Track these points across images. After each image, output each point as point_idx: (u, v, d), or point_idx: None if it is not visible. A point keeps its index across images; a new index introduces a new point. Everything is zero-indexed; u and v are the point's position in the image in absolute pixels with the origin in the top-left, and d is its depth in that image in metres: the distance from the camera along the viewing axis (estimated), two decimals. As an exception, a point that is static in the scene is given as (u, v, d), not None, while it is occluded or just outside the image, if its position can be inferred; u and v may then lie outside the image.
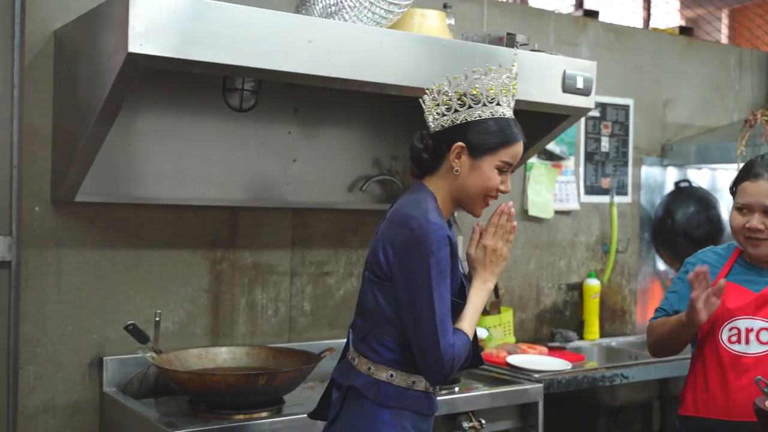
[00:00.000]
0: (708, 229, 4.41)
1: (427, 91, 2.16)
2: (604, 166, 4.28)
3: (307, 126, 3.31)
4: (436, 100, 2.12)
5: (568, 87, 2.98)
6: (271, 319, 3.29)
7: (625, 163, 4.37)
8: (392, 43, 2.64)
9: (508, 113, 2.09)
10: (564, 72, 2.97)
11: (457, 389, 3.06)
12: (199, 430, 2.47)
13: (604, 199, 4.28)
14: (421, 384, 2.09)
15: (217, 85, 2.77)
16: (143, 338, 2.77)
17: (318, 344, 3.23)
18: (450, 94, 2.09)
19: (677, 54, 4.60)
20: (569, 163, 4.12)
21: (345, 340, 3.34)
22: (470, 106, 2.05)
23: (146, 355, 2.74)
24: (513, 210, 2.15)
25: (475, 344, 2.16)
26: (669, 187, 4.54)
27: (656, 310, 2.63)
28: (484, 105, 2.05)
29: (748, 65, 4.90)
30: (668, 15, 5.61)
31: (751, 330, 2.31)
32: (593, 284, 4.16)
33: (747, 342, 2.31)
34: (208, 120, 3.06)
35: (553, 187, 4.02)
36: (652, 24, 5.19)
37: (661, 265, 4.56)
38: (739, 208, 2.39)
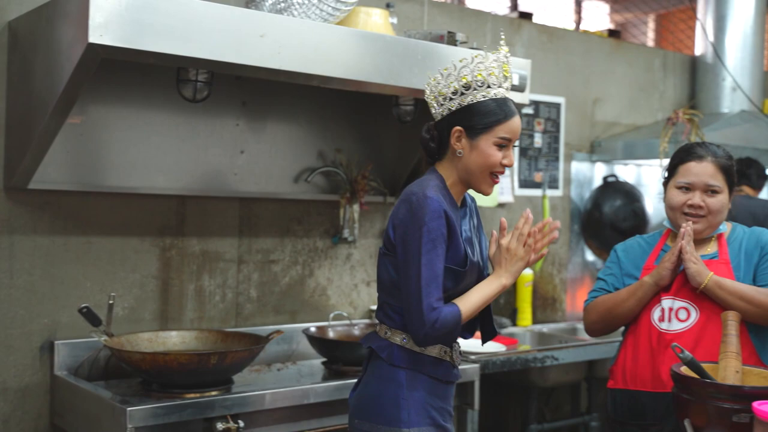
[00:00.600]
0: (633, 221, 4.65)
1: (426, 86, 2.33)
2: (537, 161, 4.49)
3: (255, 118, 3.43)
4: (433, 93, 2.29)
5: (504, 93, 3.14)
6: (218, 304, 3.40)
7: (557, 159, 4.58)
8: (340, 39, 2.78)
9: (501, 93, 2.25)
10: (504, 76, 3.13)
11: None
12: (153, 407, 2.57)
13: (537, 192, 4.49)
14: (434, 350, 2.25)
15: (171, 76, 2.86)
16: (96, 321, 2.85)
17: (264, 329, 3.35)
18: (444, 85, 2.26)
19: (606, 55, 4.84)
20: (504, 158, 4.31)
21: (290, 325, 3.50)
22: (462, 93, 2.23)
23: (99, 339, 2.82)
24: (531, 216, 2.30)
25: (489, 318, 2.38)
26: (597, 182, 4.78)
27: (592, 292, 2.75)
28: (475, 89, 2.22)
29: (671, 67, 5.18)
30: (598, 19, 5.86)
31: (672, 309, 2.48)
32: (526, 273, 4.35)
33: (670, 320, 2.47)
34: (159, 111, 3.16)
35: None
36: (583, 27, 5.43)
37: (590, 256, 4.79)
38: (680, 187, 2.56)
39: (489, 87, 2.24)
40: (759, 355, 2.43)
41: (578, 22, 5.59)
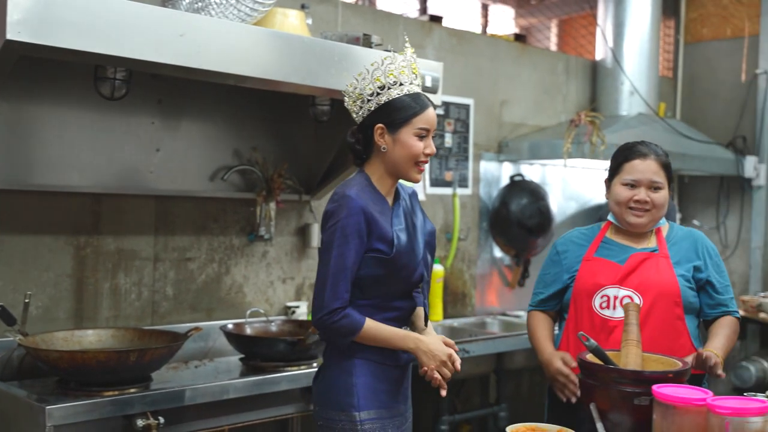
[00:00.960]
0: (539, 219, 4.83)
1: (343, 93, 2.49)
2: (448, 161, 4.62)
3: (170, 117, 3.44)
4: (352, 97, 2.46)
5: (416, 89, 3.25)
6: (134, 303, 3.39)
7: (466, 158, 4.73)
8: (259, 40, 2.82)
9: (413, 89, 2.44)
10: (412, 73, 3.23)
11: (315, 364, 3.27)
12: (72, 405, 2.56)
13: (448, 191, 4.62)
14: None
15: (88, 73, 2.85)
16: (10, 321, 2.82)
17: (180, 327, 3.35)
18: (360, 88, 2.44)
19: (512, 59, 5.01)
20: (416, 157, 4.42)
21: (207, 323, 3.51)
22: (378, 93, 2.41)
23: (15, 338, 2.79)
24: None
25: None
26: (504, 181, 4.94)
27: (531, 301, 2.93)
28: (389, 88, 2.41)
29: (573, 71, 5.40)
30: (504, 22, 6.03)
31: (617, 297, 2.62)
32: (437, 269, 4.48)
33: (614, 308, 2.61)
34: (73, 108, 3.13)
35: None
36: (490, 31, 5.60)
37: (498, 252, 4.95)
38: (626, 184, 2.70)
39: (402, 84, 2.42)
40: (693, 342, 2.62)
41: (485, 25, 5.75)
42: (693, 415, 1.94)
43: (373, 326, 2.38)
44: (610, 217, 2.82)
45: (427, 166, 4.45)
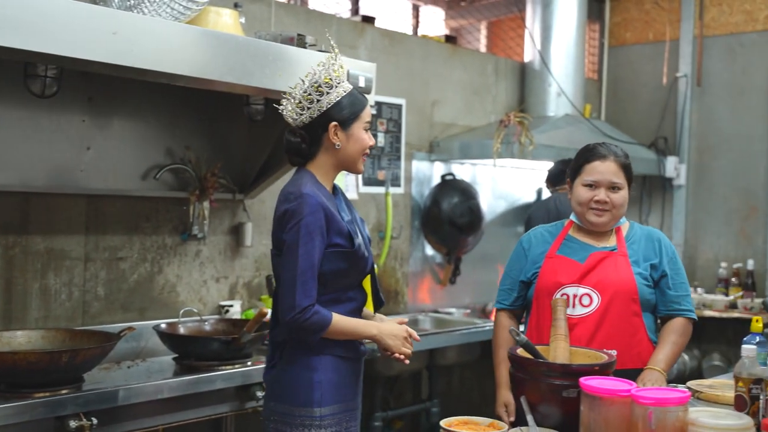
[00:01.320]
0: (469, 217, 4.92)
1: (284, 95, 2.53)
2: (380, 160, 4.67)
3: (102, 115, 3.40)
4: (296, 99, 2.49)
5: (351, 85, 3.28)
6: (64, 303, 3.34)
7: (399, 158, 4.78)
8: (192, 38, 2.81)
9: (348, 87, 2.53)
10: (348, 72, 3.27)
11: (249, 363, 3.27)
12: (1, 407, 2.51)
13: (380, 190, 4.67)
14: None
15: (18, 70, 2.80)
16: (-64, 322, 2.76)
17: (112, 327, 3.31)
18: (308, 91, 2.48)
19: (443, 60, 5.09)
20: (349, 156, 4.46)
21: (140, 323, 3.49)
22: (327, 93, 2.47)
23: (-60, 339, 2.73)
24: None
25: (376, 289, 2.69)
26: (436, 180, 5.02)
27: (499, 291, 2.94)
28: (335, 87, 2.48)
29: (503, 72, 5.51)
30: (435, 24, 6.11)
31: (576, 296, 2.68)
32: (370, 268, 4.52)
33: (573, 306, 2.67)
34: (3, 106, 3.07)
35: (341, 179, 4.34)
36: (421, 32, 5.67)
37: (430, 251, 5.02)
38: (587, 185, 2.76)
39: (342, 83, 2.51)
40: (650, 336, 2.71)
41: (416, 27, 5.82)
42: (618, 405, 2.03)
43: (339, 320, 2.43)
44: (572, 217, 2.90)
45: (360, 166, 4.53)
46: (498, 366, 2.75)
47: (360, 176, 4.55)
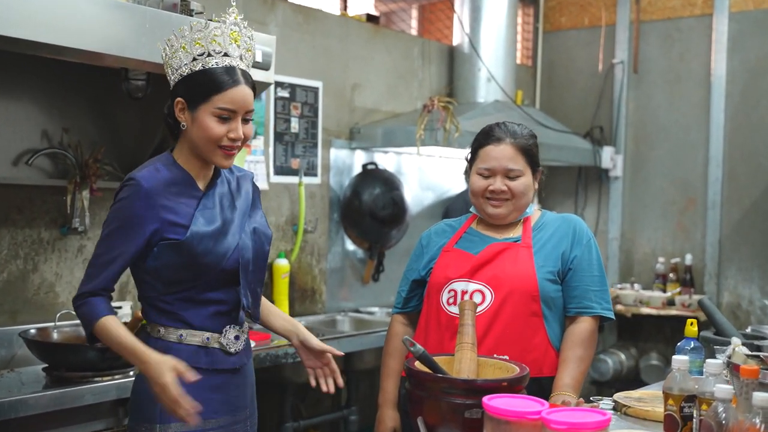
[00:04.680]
0: (392, 209, 4.58)
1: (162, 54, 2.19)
2: (294, 147, 4.30)
3: (-38, 91, 2.98)
4: (166, 65, 2.16)
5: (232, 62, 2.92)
6: None
7: (315, 145, 4.42)
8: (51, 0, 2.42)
9: (225, 62, 2.11)
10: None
11: (132, 373, 2.89)
12: None
13: (294, 179, 4.30)
14: (194, 338, 2.15)
15: None
16: None
17: (-26, 333, 2.92)
18: (169, 57, 2.14)
19: (364, 41, 4.74)
20: (258, 143, 4.09)
21: (10, 327, 3.09)
22: (181, 65, 2.11)
23: None
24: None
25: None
26: (357, 169, 4.67)
27: (396, 294, 2.66)
28: (194, 60, 2.10)
29: (430, 56, 5.18)
30: (364, 6, 5.76)
31: (466, 292, 2.36)
32: (283, 264, 4.16)
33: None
34: None
35: (243, 166, 3.96)
36: (351, 13, 5.30)
37: (350, 245, 4.67)
38: (480, 173, 2.45)
39: (210, 56, 2.10)
40: (551, 341, 2.37)
41: (344, 8, 5.46)
42: (527, 429, 1.70)
43: (110, 327, 2.06)
44: (473, 209, 2.57)
45: (271, 153, 4.16)
46: (384, 379, 2.43)
47: (272, 164, 4.18)
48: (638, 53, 5.68)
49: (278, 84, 4.14)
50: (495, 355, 2.17)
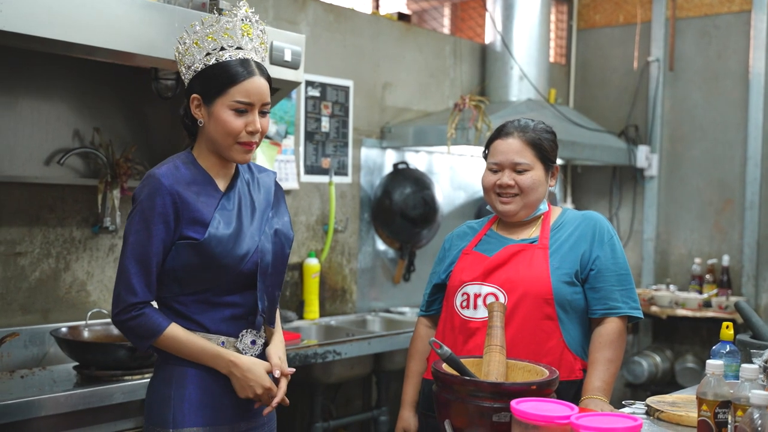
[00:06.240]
0: (423, 209, 4.55)
1: (175, 53, 2.18)
2: (325, 146, 4.29)
3: (-5, 91, 3.00)
4: (180, 63, 2.14)
5: (276, 59, 2.92)
6: (-50, 304, 2.96)
7: (346, 144, 4.41)
8: (80, 0, 2.42)
9: (239, 55, 2.08)
10: (272, 44, 2.91)
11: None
12: None
13: (325, 179, 4.29)
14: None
15: None
16: None
17: (5, 331, 2.94)
18: (182, 55, 2.13)
19: (395, 39, 4.71)
20: (289, 143, 4.08)
21: (42, 326, 3.10)
22: (194, 62, 2.09)
23: None
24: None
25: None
26: (388, 169, 4.64)
27: (423, 296, 2.64)
28: (208, 54, 2.08)
29: (462, 54, 5.14)
30: (396, 5, 5.74)
31: (479, 295, 2.33)
32: (313, 264, 4.15)
33: (475, 307, 2.33)
34: None
35: (272, 166, 3.96)
36: (383, 12, 5.28)
37: (381, 245, 4.65)
38: (490, 168, 2.43)
39: (223, 49, 2.08)
40: (569, 345, 2.33)
41: (376, 6, 5.44)
42: (556, 434, 1.67)
43: (178, 335, 2.04)
44: (488, 207, 2.54)
45: (301, 152, 4.15)
46: (404, 381, 2.41)
47: (302, 164, 4.17)
48: (674, 51, 5.59)
49: (309, 83, 4.13)
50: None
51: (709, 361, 1.85)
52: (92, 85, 3.24)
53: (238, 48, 2.09)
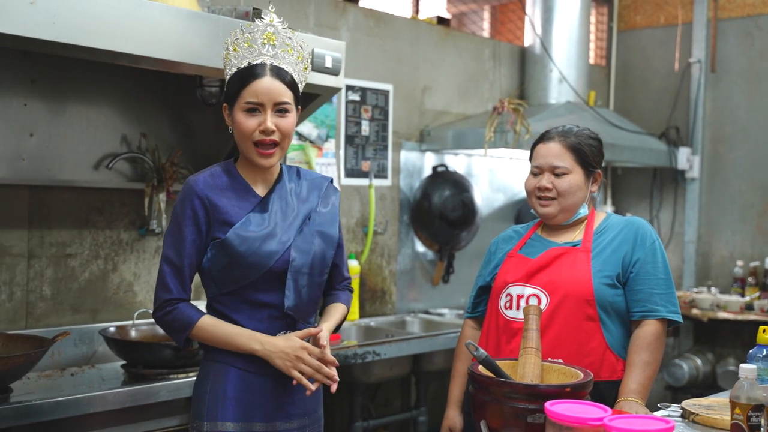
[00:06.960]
0: (462, 211, 4.58)
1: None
2: (365, 150, 4.35)
3: (47, 98, 3.10)
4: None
5: (316, 66, 2.98)
6: (4, 304, 3.06)
7: (385, 147, 4.46)
8: (127, 10, 2.51)
9: (257, 60, 2.15)
10: (313, 51, 2.97)
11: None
12: None
13: (365, 181, 4.35)
14: None
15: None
16: None
17: (56, 330, 3.04)
18: (223, 65, 2.24)
19: (435, 43, 4.75)
20: (330, 146, 4.15)
21: (90, 325, 3.20)
22: (226, 72, 2.21)
23: None
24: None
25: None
26: (427, 172, 4.69)
27: (469, 298, 2.70)
28: (232, 66, 2.20)
29: (501, 57, 5.17)
30: (436, 8, 5.78)
31: (522, 296, 2.37)
32: (353, 265, 4.21)
33: (518, 308, 2.37)
34: (-74, 87, 2.79)
35: (313, 168, 4.03)
36: (422, 16, 5.33)
37: (420, 247, 4.70)
38: (532, 172, 2.49)
39: (244, 58, 2.18)
40: (611, 346, 2.35)
41: (415, 11, 5.49)
42: (589, 435, 1.70)
43: (210, 324, 2.14)
44: (532, 211, 2.60)
45: (342, 155, 4.22)
46: (451, 380, 2.46)
47: (342, 167, 4.23)
48: (716, 52, 5.55)
49: (349, 87, 4.19)
50: (550, 359, 2.17)
51: (742, 366, 1.87)
52: (139, 91, 3.34)
53: (259, 55, 2.16)
